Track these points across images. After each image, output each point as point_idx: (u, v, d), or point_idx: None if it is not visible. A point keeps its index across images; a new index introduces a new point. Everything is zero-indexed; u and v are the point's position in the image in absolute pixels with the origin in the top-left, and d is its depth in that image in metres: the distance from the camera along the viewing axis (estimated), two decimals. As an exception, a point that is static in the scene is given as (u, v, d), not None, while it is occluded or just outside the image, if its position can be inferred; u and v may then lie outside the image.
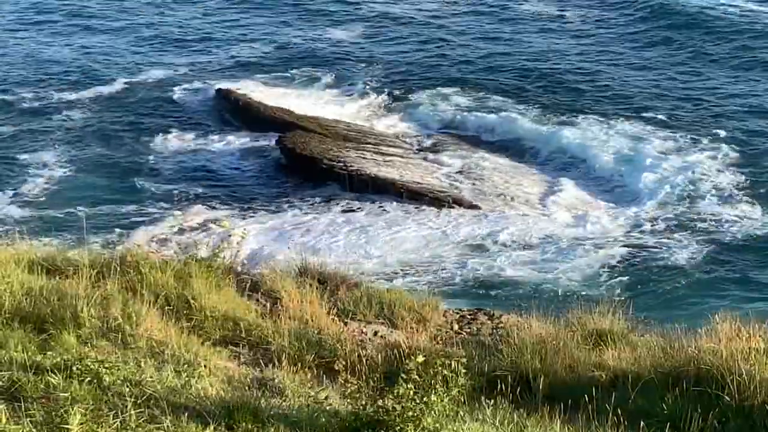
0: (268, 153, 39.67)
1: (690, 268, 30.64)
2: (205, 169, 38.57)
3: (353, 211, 34.99)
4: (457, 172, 37.65)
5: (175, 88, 45.88)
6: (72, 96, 44.91)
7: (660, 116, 41.32)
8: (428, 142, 40.56)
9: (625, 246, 32.23)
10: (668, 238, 32.59)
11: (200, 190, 36.78)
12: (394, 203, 35.25)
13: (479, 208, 34.83)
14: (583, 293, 27.78)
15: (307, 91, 45.61)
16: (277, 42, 51.51)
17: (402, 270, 30.83)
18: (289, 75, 47.25)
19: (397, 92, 44.90)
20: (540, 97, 43.75)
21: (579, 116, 41.66)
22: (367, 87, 45.53)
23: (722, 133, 39.39)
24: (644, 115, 41.51)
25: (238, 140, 40.91)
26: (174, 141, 40.75)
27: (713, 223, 33.41)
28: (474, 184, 36.67)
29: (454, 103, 43.53)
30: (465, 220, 34.13)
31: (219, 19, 55.35)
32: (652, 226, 33.49)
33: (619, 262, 31.30)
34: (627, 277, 30.31)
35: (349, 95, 45.14)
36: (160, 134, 41.27)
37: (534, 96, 43.93)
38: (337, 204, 35.48)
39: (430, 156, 39.21)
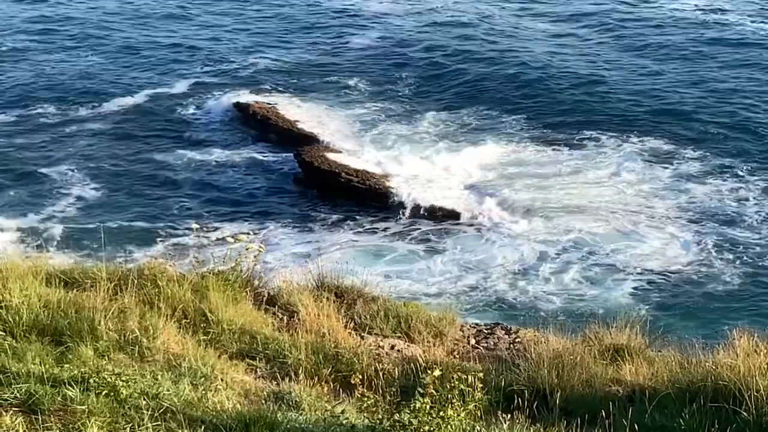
0: (285, 166, 39.73)
1: (717, 291, 30.40)
2: (222, 182, 38.65)
3: (373, 227, 35.00)
4: (472, 187, 37.53)
5: (193, 102, 45.98)
6: (91, 111, 45.03)
7: (685, 135, 40.74)
8: (442, 157, 40.29)
9: (649, 266, 31.97)
10: (696, 261, 32.29)
11: (218, 203, 36.89)
12: (413, 219, 35.26)
13: (495, 224, 34.80)
14: (605, 311, 27.60)
15: (326, 104, 45.63)
16: (295, 54, 51.62)
17: (415, 290, 30.75)
18: (309, 87, 47.30)
19: (407, 108, 44.96)
20: (554, 114, 43.71)
21: (593, 132, 41.53)
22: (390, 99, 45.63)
23: (754, 156, 38.95)
24: (668, 134, 40.93)
25: (255, 154, 40.98)
26: (191, 154, 40.83)
27: (742, 245, 33.05)
28: (492, 198, 36.54)
29: (465, 122, 43.44)
30: (484, 237, 34.15)
31: (234, 29, 55.54)
32: (680, 248, 33.09)
33: (642, 281, 31.05)
34: (650, 297, 30.07)
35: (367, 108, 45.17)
36: (178, 148, 41.38)
37: (549, 112, 43.91)
38: (355, 218, 35.49)
39: (447, 170, 39.07)
